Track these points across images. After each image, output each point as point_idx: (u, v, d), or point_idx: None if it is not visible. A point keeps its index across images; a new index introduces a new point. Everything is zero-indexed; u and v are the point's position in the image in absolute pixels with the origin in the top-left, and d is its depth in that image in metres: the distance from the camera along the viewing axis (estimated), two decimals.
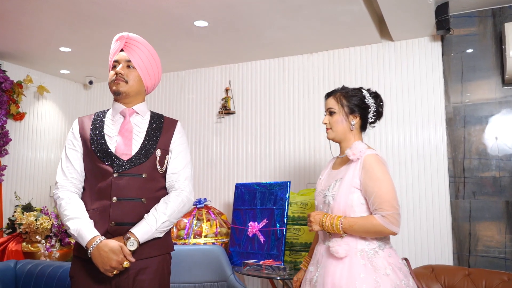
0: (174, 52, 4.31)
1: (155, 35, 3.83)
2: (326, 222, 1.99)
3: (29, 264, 2.91)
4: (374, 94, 2.16)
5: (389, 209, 1.87)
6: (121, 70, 2.12)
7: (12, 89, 4.45)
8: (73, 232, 1.98)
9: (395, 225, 1.89)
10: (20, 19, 3.56)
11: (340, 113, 2.11)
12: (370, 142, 4.03)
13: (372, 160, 1.97)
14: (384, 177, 1.93)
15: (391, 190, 1.91)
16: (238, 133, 4.61)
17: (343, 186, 2.01)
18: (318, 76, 4.33)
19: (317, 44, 4.14)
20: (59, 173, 2.11)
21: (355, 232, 1.94)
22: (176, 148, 2.22)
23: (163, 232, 2.08)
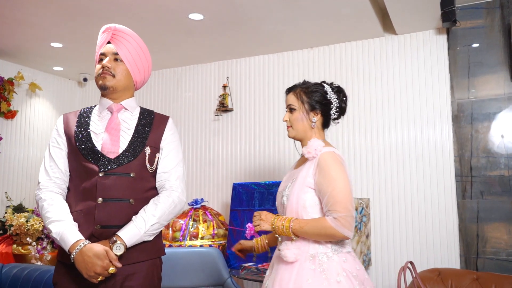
0: (170, 47, 4.17)
1: (149, 29, 3.70)
2: (277, 224, 1.89)
3: (15, 268, 2.78)
4: (337, 88, 2.06)
5: (342, 211, 1.76)
6: (108, 64, 1.99)
7: (2, 86, 4.32)
8: (55, 235, 1.86)
9: (347, 229, 1.76)
10: (8, 13, 3.42)
11: (300, 110, 2.00)
12: (373, 140, 3.89)
13: (328, 158, 1.86)
14: (340, 176, 1.81)
15: (346, 191, 1.80)
16: (236, 131, 4.47)
17: (296, 186, 1.91)
18: (319, 71, 4.18)
19: (318, 38, 3.99)
20: (41, 172, 1.99)
21: (305, 234, 1.83)
22: (167, 145, 2.09)
23: (153, 235, 1.95)
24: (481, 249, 3.34)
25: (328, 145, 1.98)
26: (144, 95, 5.01)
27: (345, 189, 1.79)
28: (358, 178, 3.91)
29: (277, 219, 1.90)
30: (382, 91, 3.94)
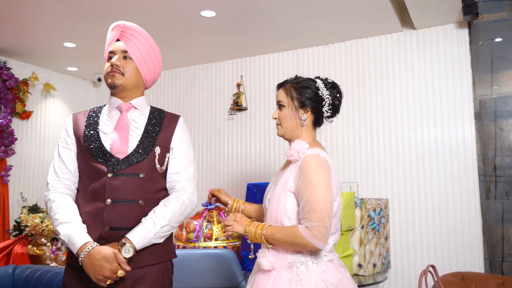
0: (182, 46, 4.12)
1: (160, 28, 3.65)
2: (249, 230, 1.77)
3: (27, 270, 2.76)
4: (331, 84, 1.90)
5: (316, 220, 1.61)
6: (117, 62, 1.94)
7: (17, 87, 4.33)
8: (63, 238, 1.82)
9: (318, 239, 1.61)
10: (20, 14, 3.42)
11: (289, 107, 1.87)
12: (391, 139, 3.77)
13: (311, 161, 1.71)
14: (320, 182, 1.66)
15: (325, 198, 1.64)
16: (250, 130, 4.39)
17: (277, 189, 1.79)
18: (335, 69, 4.08)
19: (333, 34, 3.89)
20: (50, 173, 1.95)
21: (277, 242, 1.71)
22: (178, 145, 2.03)
23: (163, 238, 1.89)
24: (506, 252, 3.20)
25: (316, 146, 1.84)
26: (158, 95, 4.98)
27: (324, 196, 1.64)
28: (376, 178, 3.79)
29: (251, 224, 1.79)
30: (401, 88, 3.82)
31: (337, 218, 1.76)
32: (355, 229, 3.18)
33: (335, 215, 1.73)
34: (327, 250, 1.72)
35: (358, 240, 3.16)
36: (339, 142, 3.97)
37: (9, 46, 4.15)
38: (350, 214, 3.10)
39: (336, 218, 1.75)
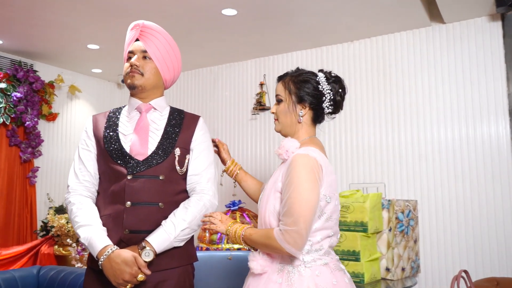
0: (204, 45, 4.09)
1: (182, 27, 3.63)
2: (231, 230, 1.71)
3: (52, 271, 2.78)
4: (334, 79, 1.78)
5: (290, 225, 1.52)
6: (136, 62, 1.92)
7: (43, 89, 4.40)
8: (83, 240, 1.82)
9: (291, 245, 1.52)
10: (45, 17, 3.45)
11: (287, 102, 1.77)
12: (420, 138, 3.63)
13: (298, 161, 1.61)
14: (303, 185, 1.55)
15: (304, 203, 1.53)
16: (273, 130, 4.32)
17: (267, 189, 1.72)
18: (360, 66, 3.97)
19: (358, 31, 3.78)
20: (71, 175, 1.95)
21: (254, 243, 1.65)
22: (198, 146, 1.99)
23: (183, 241, 1.86)
24: None
25: (312, 144, 1.74)
26: (181, 95, 4.97)
27: (304, 201, 1.53)
28: (404, 179, 3.67)
29: (234, 225, 1.73)
30: (430, 86, 3.67)
31: (334, 220, 1.67)
32: (382, 232, 3.07)
33: (331, 218, 1.64)
34: (321, 253, 1.63)
35: (386, 243, 3.05)
36: (365, 141, 3.86)
37: (36, 49, 4.21)
38: (377, 216, 3.00)
39: (334, 220, 1.66)
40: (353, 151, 3.90)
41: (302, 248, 1.56)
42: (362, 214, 2.89)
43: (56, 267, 2.83)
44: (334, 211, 1.66)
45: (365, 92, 3.91)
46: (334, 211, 1.66)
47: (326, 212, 1.62)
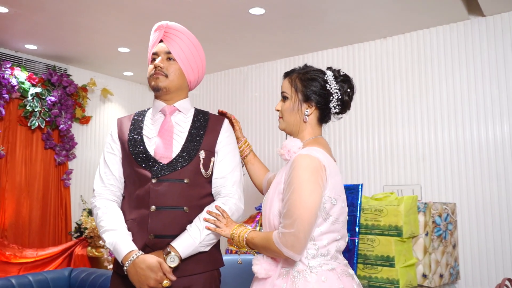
0: (234, 46, 4.05)
1: (211, 28, 3.60)
2: (235, 233, 1.68)
3: (83, 273, 2.82)
4: (342, 78, 1.71)
5: (288, 227, 1.48)
6: (160, 63, 1.89)
7: (76, 93, 4.48)
8: (108, 246, 1.82)
9: (288, 249, 1.47)
10: (77, 21, 3.51)
11: (292, 100, 1.71)
12: (458, 137, 3.45)
13: (300, 162, 1.55)
14: (303, 187, 1.50)
15: (305, 205, 1.48)
16: None
17: (271, 191, 1.67)
18: (394, 64, 3.82)
19: (391, 26, 3.64)
20: (96, 179, 1.95)
21: (255, 247, 1.61)
22: (223, 149, 1.95)
23: (209, 246, 1.82)
24: None
25: (316, 144, 1.68)
26: (210, 97, 4.95)
27: (303, 203, 1.48)
28: (441, 181, 3.50)
29: (239, 228, 1.69)
30: (468, 82, 3.49)
31: (341, 222, 1.60)
32: (418, 236, 2.93)
33: (337, 220, 1.58)
34: (327, 258, 1.57)
35: (422, 248, 2.91)
36: (399, 141, 3.71)
37: (69, 54, 4.30)
38: (413, 220, 2.86)
39: (341, 222, 1.60)
40: (387, 151, 3.76)
41: (301, 252, 1.50)
42: (397, 218, 2.77)
43: (87, 269, 2.87)
44: (341, 213, 1.60)
45: (399, 90, 3.76)
46: (341, 213, 1.60)
47: (332, 215, 1.56)
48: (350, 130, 3.96)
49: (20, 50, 4.18)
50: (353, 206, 2.98)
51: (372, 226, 2.94)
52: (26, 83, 4.08)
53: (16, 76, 4.01)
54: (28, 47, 4.08)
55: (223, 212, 1.79)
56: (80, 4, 3.20)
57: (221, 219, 1.76)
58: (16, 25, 3.58)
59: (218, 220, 1.75)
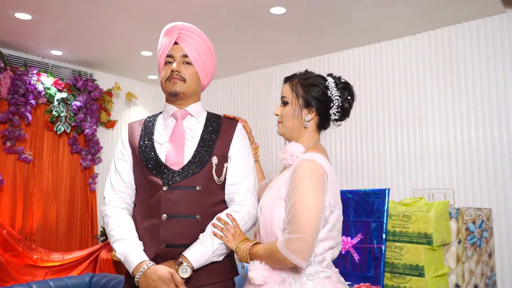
0: (256, 47, 3.97)
1: (232, 30, 3.53)
2: (241, 247, 1.64)
3: (104, 278, 2.81)
4: (343, 85, 1.72)
5: (296, 232, 1.45)
6: (178, 67, 1.82)
7: (101, 97, 4.52)
8: (119, 256, 1.77)
9: (295, 255, 1.45)
10: (98, 25, 3.52)
11: (293, 105, 1.70)
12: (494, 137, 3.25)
13: (304, 166, 1.54)
14: (308, 191, 1.49)
15: (310, 210, 1.47)
16: (330, 133, 4.09)
17: (271, 196, 1.64)
18: (423, 62, 3.64)
19: (420, 22, 3.46)
20: (107, 187, 1.90)
21: (260, 259, 1.58)
22: (236, 154, 1.87)
23: (222, 255, 1.75)
24: None
25: (316, 150, 1.65)
26: (233, 99, 4.89)
27: (309, 207, 1.47)
28: (476, 184, 3.29)
29: (244, 243, 1.65)
30: (505, 78, 3.27)
31: (337, 230, 1.60)
32: (450, 244, 2.76)
33: (334, 228, 1.58)
34: (323, 265, 1.57)
35: (455, 257, 2.74)
36: (430, 143, 3.52)
37: (94, 59, 4.33)
38: (444, 226, 2.70)
39: (337, 230, 1.59)
40: (417, 153, 3.58)
41: (308, 258, 1.48)
42: (426, 225, 2.62)
43: (108, 274, 2.85)
44: (337, 221, 1.60)
45: (430, 90, 3.57)
46: (337, 221, 1.59)
47: (329, 222, 1.56)
48: (377, 131, 3.81)
49: (47, 56, 4.25)
50: (380, 212, 2.84)
51: (400, 233, 2.79)
52: (52, 88, 4.14)
53: (42, 82, 4.08)
54: (54, 53, 4.14)
55: (233, 220, 1.73)
56: (100, 9, 3.20)
57: (230, 228, 1.71)
58: (40, 32, 3.63)
59: (226, 228, 1.71)
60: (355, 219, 2.97)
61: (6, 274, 3.57)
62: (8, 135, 3.83)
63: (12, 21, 3.37)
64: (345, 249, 2.95)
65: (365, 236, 2.87)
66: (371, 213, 2.87)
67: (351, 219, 3.00)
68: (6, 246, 3.66)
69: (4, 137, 3.84)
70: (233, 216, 1.74)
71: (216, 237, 1.70)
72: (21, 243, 3.76)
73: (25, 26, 3.48)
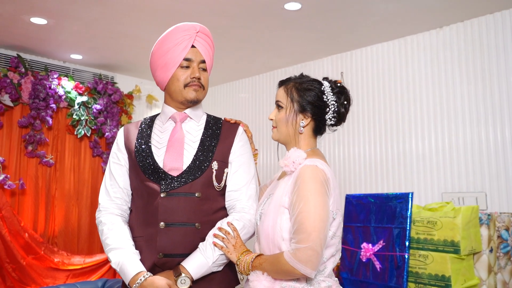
0: (275, 46, 3.85)
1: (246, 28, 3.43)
2: (242, 259, 1.58)
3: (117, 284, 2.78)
4: (339, 89, 1.66)
5: (304, 241, 1.40)
6: (199, 74, 1.75)
7: (122, 100, 4.51)
8: (114, 266, 1.72)
9: (303, 264, 1.40)
10: (114, 28, 3.49)
11: (287, 110, 1.65)
12: None
13: (307, 173, 1.50)
14: (313, 198, 1.45)
15: (317, 217, 1.42)
16: (352, 133, 3.92)
17: (272, 204, 1.57)
18: (452, 56, 3.40)
19: (448, 14, 3.23)
20: (102, 192, 1.84)
21: (264, 271, 1.52)
22: (237, 159, 1.79)
23: (222, 265, 1.68)
24: None
25: (315, 156, 1.60)
26: (254, 100, 4.78)
27: (316, 215, 1.42)
28: (510, 188, 3.04)
29: (246, 255, 1.59)
30: None
31: (339, 237, 1.57)
32: (481, 253, 2.55)
33: (335, 235, 1.54)
34: (325, 274, 1.53)
35: (486, 267, 2.53)
36: (460, 142, 3.29)
37: (114, 62, 4.33)
38: (473, 233, 2.49)
39: (338, 237, 1.56)
40: (445, 154, 3.35)
41: (317, 267, 1.44)
42: (453, 232, 2.41)
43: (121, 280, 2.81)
44: (338, 228, 1.56)
45: (459, 85, 3.34)
46: (338, 227, 1.55)
47: (331, 229, 1.52)
48: (403, 130, 3.60)
49: (68, 61, 4.28)
50: (402, 218, 2.65)
51: (425, 240, 2.59)
52: (72, 92, 4.16)
53: (63, 86, 4.10)
54: (74, 57, 4.16)
55: (234, 230, 1.64)
56: (112, 11, 3.16)
57: (231, 238, 1.64)
58: (58, 36, 3.64)
59: (227, 238, 1.64)
60: (376, 225, 2.80)
61: (27, 277, 3.60)
62: (29, 139, 3.87)
63: (30, 26, 3.39)
64: (366, 257, 2.79)
65: (387, 243, 2.69)
66: (393, 219, 2.69)
67: (372, 224, 2.83)
68: (28, 249, 3.70)
69: (26, 141, 3.88)
70: (234, 226, 1.66)
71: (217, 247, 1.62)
72: (43, 246, 3.79)
73: (43, 31, 3.49)
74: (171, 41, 1.75)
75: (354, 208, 3.01)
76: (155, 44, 1.81)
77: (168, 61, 1.74)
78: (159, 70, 1.79)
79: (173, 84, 1.76)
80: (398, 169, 3.57)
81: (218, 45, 3.88)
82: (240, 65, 4.44)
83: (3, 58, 3.90)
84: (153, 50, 1.81)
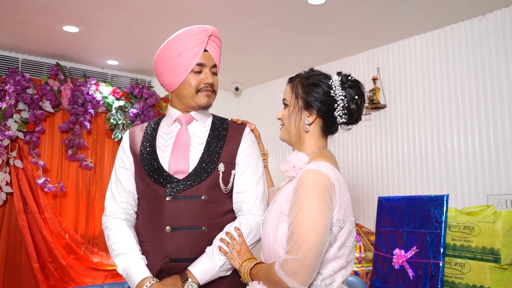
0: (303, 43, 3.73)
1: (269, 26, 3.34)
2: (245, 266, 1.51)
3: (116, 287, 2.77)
4: (351, 83, 1.52)
5: (293, 252, 1.30)
6: (212, 80, 1.73)
7: (158, 103, 4.57)
8: (120, 271, 1.72)
9: (291, 278, 1.29)
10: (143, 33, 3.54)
11: (291, 107, 1.55)
12: None
13: (308, 178, 1.37)
14: (310, 206, 1.33)
15: (313, 227, 1.30)
16: (390, 130, 3.73)
17: (273, 212, 1.49)
18: (496, 45, 3.14)
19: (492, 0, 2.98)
20: (108, 197, 1.84)
21: (260, 280, 1.45)
22: (244, 160, 1.74)
23: (230, 270, 1.63)
24: None
25: (323, 158, 1.47)
26: None
27: (311, 224, 1.30)
28: None
29: (248, 261, 1.51)
30: None
31: (349, 247, 1.44)
32: None
33: (344, 245, 1.42)
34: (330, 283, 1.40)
35: None
36: (507, 139, 3.02)
37: (150, 66, 4.39)
38: None
39: (348, 247, 1.43)
40: (491, 151, 3.08)
41: (307, 282, 1.31)
42: (492, 239, 2.20)
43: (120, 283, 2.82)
44: (349, 237, 1.43)
45: (505, 76, 3.07)
46: (348, 237, 1.43)
47: (338, 239, 1.40)
48: (444, 127, 3.36)
49: (106, 67, 4.40)
50: (437, 222, 2.47)
51: (461, 247, 2.38)
52: (110, 97, 4.27)
53: (100, 91, 4.22)
54: (110, 63, 4.26)
55: (240, 236, 1.58)
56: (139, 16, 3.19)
57: (236, 244, 1.58)
58: (92, 43, 3.74)
59: (232, 244, 1.58)
60: (409, 229, 2.62)
61: (67, 277, 3.73)
62: (69, 144, 4.01)
63: (64, 35, 3.50)
64: (398, 264, 2.63)
65: (420, 250, 2.52)
66: (427, 223, 2.51)
67: (405, 229, 2.66)
68: (68, 250, 3.83)
69: (66, 146, 4.03)
70: (240, 231, 1.60)
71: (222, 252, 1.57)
72: (83, 247, 3.92)
73: (77, 39, 3.60)
74: (182, 45, 1.70)
75: (386, 211, 2.85)
76: (162, 46, 1.78)
77: (180, 65, 1.69)
78: (168, 73, 1.75)
79: (185, 89, 1.72)
80: (439, 168, 3.33)
81: (250, 45, 3.85)
82: (274, 65, 4.37)
83: (44, 67, 4.08)
84: (159, 52, 1.78)
